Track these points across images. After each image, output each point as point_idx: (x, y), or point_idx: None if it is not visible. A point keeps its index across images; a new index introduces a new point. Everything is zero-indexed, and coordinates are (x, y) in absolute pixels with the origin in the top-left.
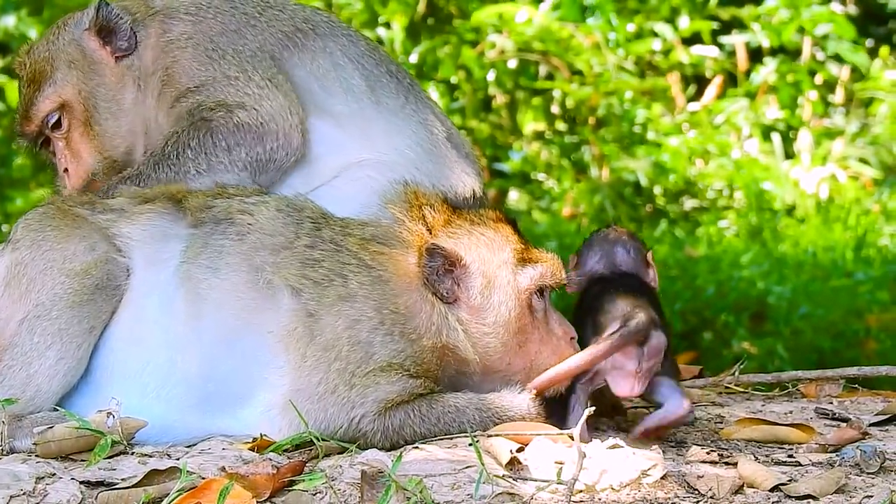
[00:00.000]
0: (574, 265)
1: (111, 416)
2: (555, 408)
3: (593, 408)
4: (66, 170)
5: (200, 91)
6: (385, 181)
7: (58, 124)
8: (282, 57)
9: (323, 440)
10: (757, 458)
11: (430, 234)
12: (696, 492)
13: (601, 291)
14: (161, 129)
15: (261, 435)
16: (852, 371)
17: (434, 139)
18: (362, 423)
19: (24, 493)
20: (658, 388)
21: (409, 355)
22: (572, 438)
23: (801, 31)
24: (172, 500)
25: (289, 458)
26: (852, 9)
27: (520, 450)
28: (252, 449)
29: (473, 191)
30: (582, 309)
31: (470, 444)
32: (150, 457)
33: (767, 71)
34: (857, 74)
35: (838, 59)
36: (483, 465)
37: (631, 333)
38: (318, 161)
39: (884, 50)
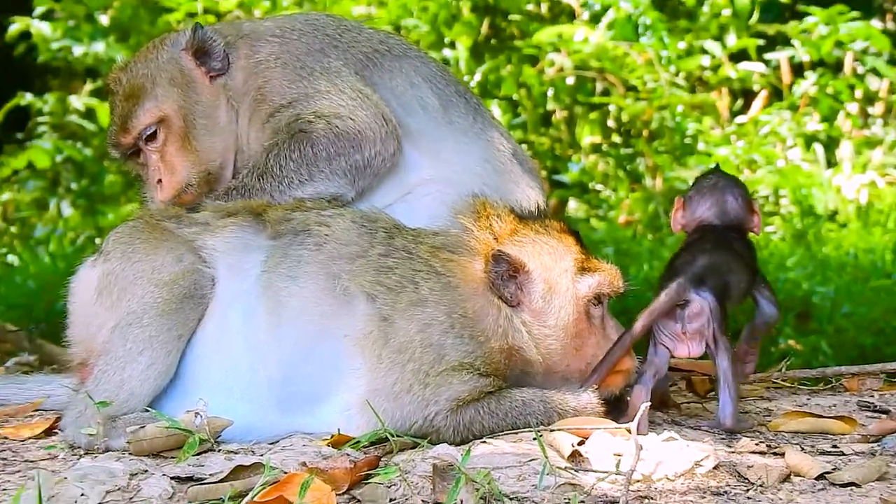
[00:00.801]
0: (681, 206)
1: (199, 416)
2: (613, 403)
3: (648, 403)
4: (159, 181)
5: (295, 105)
6: (455, 196)
7: (153, 137)
8: (363, 75)
9: (396, 436)
10: (803, 449)
11: (497, 242)
12: (746, 480)
13: (693, 241)
14: (253, 145)
15: (338, 431)
16: (892, 366)
17: (500, 156)
18: (436, 419)
19: (118, 489)
20: (717, 389)
21: (478, 356)
22: (630, 432)
23: (840, 46)
24: (257, 493)
25: (365, 453)
26: (891, 24)
27: (581, 443)
28: (330, 445)
29: (537, 203)
30: (675, 255)
31: (534, 439)
32: (236, 453)
33: (808, 84)
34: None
35: (876, 72)
36: (546, 457)
37: (660, 303)
38: (393, 177)
39: None
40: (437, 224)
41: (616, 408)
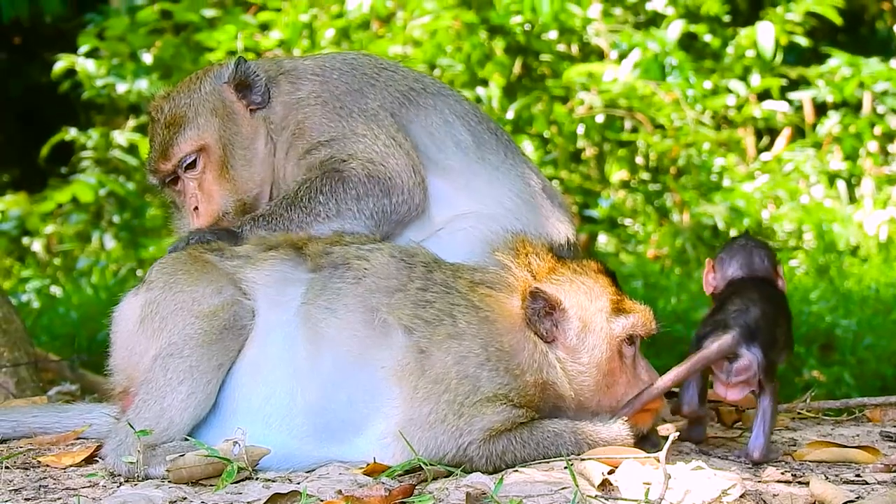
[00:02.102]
0: (711, 269)
1: (237, 445)
2: (641, 437)
3: (677, 433)
4: (195, 208)
5: (331, 144)
6: (488, 231)
7: (192, 165)
8: (399, 114)
9: (430, 465)
10: (827, 478)
11: (535, 279)
12: None
13: (732, 293)
14: (288, 179)
15: (374, 460)
16: None
17: (531, 191)
18: (469, 448)
19: None
20: (754, 421)
21: (513, 388)
22: (659, 461)
23: (862, 86)
24: None
25: (400, 481)
26: None
27: (611, 472)
28: (366, 473)
29: (567, 237)
30: (717, 308)
31: (565, 468)
32: (273, 482)
33: (832, 123)
34: None
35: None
36: (577, 486)
37: (709, 354)
38: (427, 212)
39: None
40: (473, 259)
41: (645, 441)
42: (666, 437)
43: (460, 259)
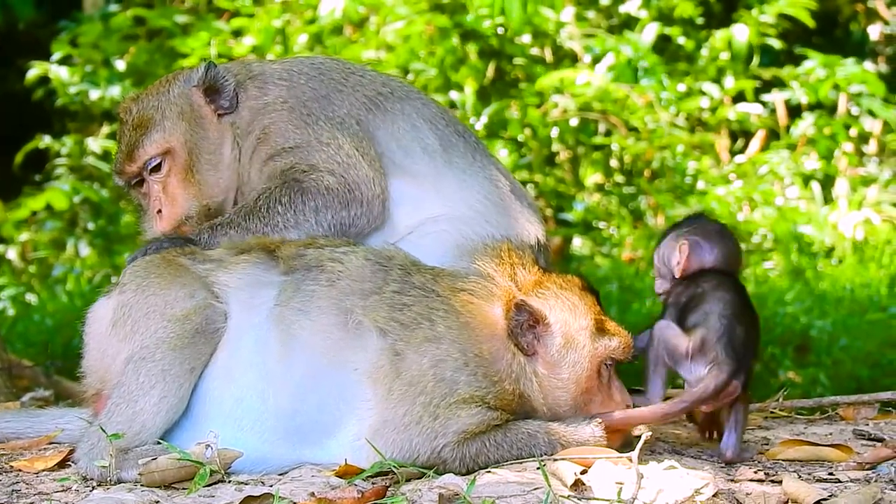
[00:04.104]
0: (687, 252)
1: (209, 448)
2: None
3: (650, 433)
4: (159, 211)
5: (294, 153)
6: (458, 234)
7: (157, 168)
8: (366, 120)
9: (401, 467)
10: (800, 476)
11: (519, 290)
12: None
13: (711, 291)
14: (252, 184)
15: (345, 461)
16: (886, 395)
17: (500, 192)
18: (444, 451)
19: None
20: (726, 421)
21: (490, 391)
22: (631, 461)
23: (837, 88)
24: None
25: (373, 483)
26: (883, 67)
27: (583, 472)
28: (338, 475)
29: (537, 238)
30: (688, 294)
31: (538, 468)
32: (246, 484)
33: (806, 125)
34: (889, 127)
35: (871, 113)
36: (550, 486)
37: (706, 397)
38: (395, 217)
39: None
40: (444, 262)
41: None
42: (639, 437)
43: (431, 263)
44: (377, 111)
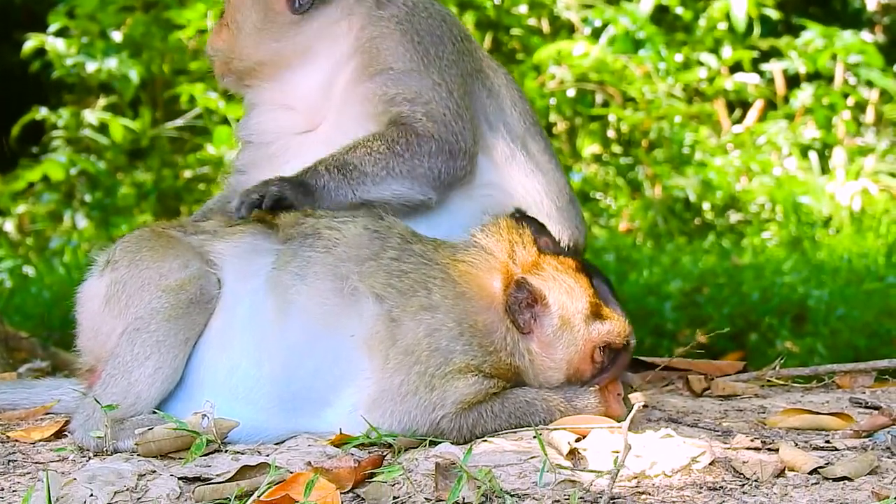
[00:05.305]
0: None
1: (205, 418)
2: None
3: (643, 402)
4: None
5: (401, 80)
6: (506, 206)
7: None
8: (467, 83)
9: (395, 437)
10: (797, 444)
11: (515, 265)
12: (742, 476)
13: None
14: (335, 93)
15: (340, 430)
16: (883, 363)
17: (561, 197)
18: (442, 423)
19: (127, 489)
20: None
21: (485, 360)
22: (621, 430)
23: (834, 58)
24: (262, 492)
25: (369, 452)
26: (881, 37)
27: (578, 440)
28: (334, 444)
29: (577, 247)
30: None
31: (534, 437)
32: (242, 454)
33: (804, 95)
34: (887, 97)
35: (868, 82)
36: (546, 455)
37: None
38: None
39: None
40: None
41: None
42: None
43: (471, 220)
44: (477, 81)
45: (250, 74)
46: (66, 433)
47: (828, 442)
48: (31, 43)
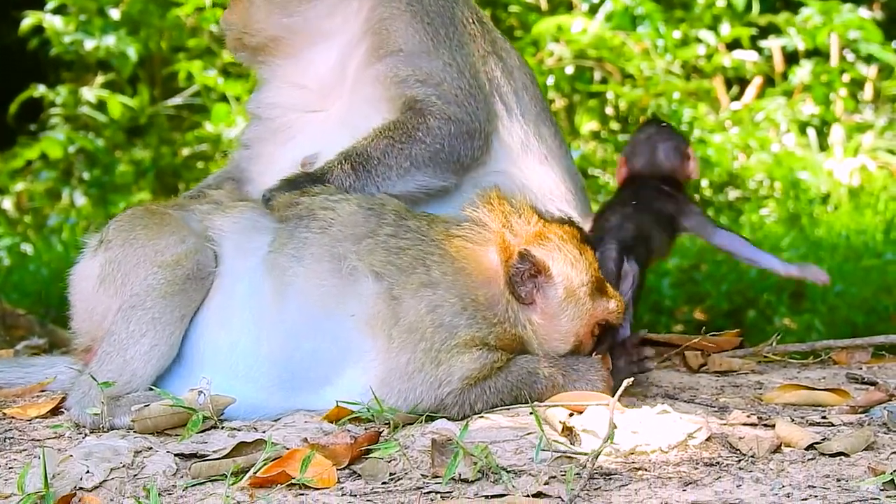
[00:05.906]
0: (624, 163)
1: (202, 395)
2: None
3: (632, 378)
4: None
5: (412, 62)
6: (516, 190)
7: None
8: (479, 64)
9: (389, 412)
10: (793, 420)
11: (515, 237)
12: (738, 451)
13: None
14: (349, 73)
15: (336, 403)
16: (880, 339)
17: (573, 185)
18: (447, 399)
19: (123, 466)
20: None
21: (490, 332)
22: (618, 405)
23: (831, 35)
24: (259, 469)
25: (365, 429)
26: (879, 13)
27: (571, 415)
28: (329, 420)
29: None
30: (623, 199)
31: (530, 413)
32: (239, 430)
33: (803, 72)
34: (885, 73)
35: (866, 59)
36: (543, 431)
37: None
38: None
39: None
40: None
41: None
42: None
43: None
44: (492, 58)
45: (263, 50)
46: (62, 410)
47: (824, 418)
48: (28, 20)
